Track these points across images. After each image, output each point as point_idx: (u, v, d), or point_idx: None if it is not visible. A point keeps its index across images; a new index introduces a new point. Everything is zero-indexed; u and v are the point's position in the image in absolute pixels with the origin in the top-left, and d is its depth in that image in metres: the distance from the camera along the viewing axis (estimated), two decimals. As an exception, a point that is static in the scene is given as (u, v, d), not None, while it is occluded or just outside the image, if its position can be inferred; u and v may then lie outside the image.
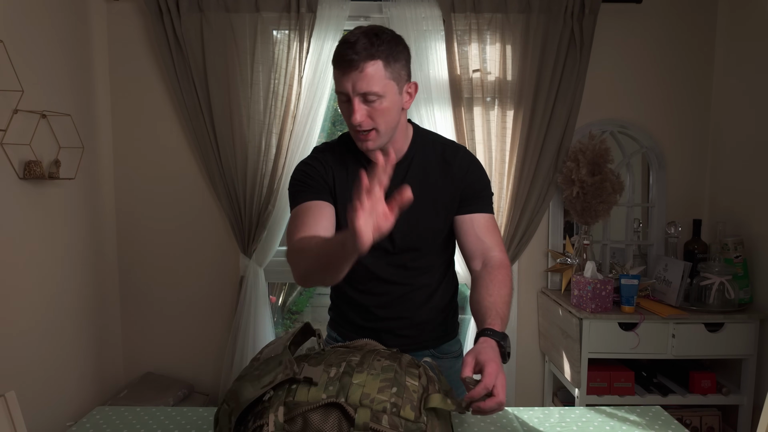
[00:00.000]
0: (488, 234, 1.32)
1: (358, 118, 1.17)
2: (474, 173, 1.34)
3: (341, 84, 1.18)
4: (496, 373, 0.98)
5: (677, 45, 2.50)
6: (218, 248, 2.55)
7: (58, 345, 2.08)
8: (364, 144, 1.23)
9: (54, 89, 2.05)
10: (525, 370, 2.60)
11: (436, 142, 1.35)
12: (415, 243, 1.32)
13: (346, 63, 1.15)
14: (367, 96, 1.17)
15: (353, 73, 1.15)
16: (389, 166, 0.92)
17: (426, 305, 1.37)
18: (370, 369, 0.95)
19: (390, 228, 0.91)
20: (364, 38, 1.15)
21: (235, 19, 2.31)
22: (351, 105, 1.18)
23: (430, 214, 1.30)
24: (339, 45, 1.18)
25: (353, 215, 0.87)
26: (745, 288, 2.20)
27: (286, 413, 0.87)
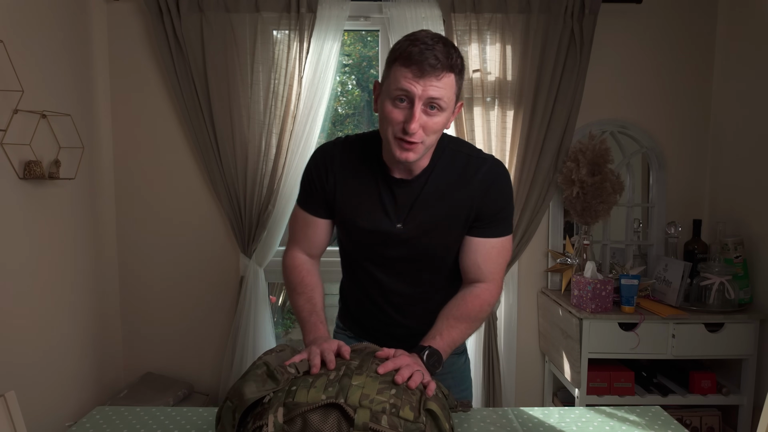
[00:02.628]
0: (489, 262, 1.27)
1: (416, 127, 1.08)
2: (495, 190, 1.23)
3: (410, 84, 1.07)
4: (403, 357, 1.03)
5: (677, 45, 2.50)
6: (218, 248, 2.55)
7: (58, 345, 2.08)
8: (405, 154, 1.12)
9: (54, 89, 2.05)
10: (525, 370, 2.60)
11: (461, 153, 1.25)
12: (424, 258, 1.29)
13: (426, 65, 1.06)
14: (431, 105, 1.09)
15: (430, 77, 1.07)
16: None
17: (432, 316, 1.33)
18: (369, 371, 0.96)
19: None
20: (441, 45, 1.08)
21: (235, 19, 2.31)
22: (410, 110, 1.08)
23: (443, 230, 1.25)
24: (412, 43, 1.08)
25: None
26: (745, 288, 2.20)
27: (285, 414, 0.88)
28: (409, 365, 1.00)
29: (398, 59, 1.09)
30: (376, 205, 1.25)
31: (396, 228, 1.24)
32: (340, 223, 1.32)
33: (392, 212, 1.25)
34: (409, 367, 0.99)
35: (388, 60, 1.13)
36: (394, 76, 1.09)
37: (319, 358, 0.99)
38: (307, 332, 1.20)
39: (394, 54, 1.11)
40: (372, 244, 1.28)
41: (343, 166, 1.27)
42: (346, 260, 1.41)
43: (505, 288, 2.54)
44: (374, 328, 1.38)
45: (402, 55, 1.08)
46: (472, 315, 1.24)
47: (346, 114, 3.00)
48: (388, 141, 1.14)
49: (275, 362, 0.98)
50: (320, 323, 1.22)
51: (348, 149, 1.28)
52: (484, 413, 1.31)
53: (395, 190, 1.24)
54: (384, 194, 1.24)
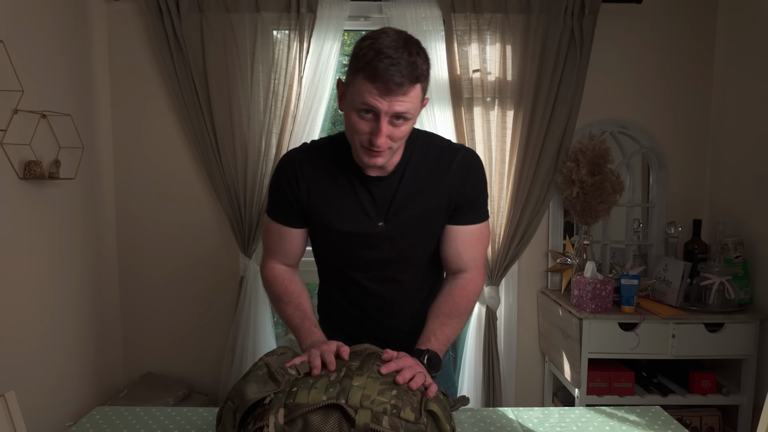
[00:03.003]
0: (469, 248, 1.28)
1: (383, 142, 1.08)
2: (471, 180, 1.24)
3: (375, 101, 1.05)
4: (406, 359, 1.03)
5: (677, 45, 2.50)
6: (218, 248, 2.55)
7: (58, 345, 2.08)
8: (373, 160, 1.12)
9: (54, 89, 2.05)
10: (525, 370, 2.60)
11: (432, 146, 1.26)
12: (406, 255, 1.28)
13: (392, 84, 1.03)
14: (396, 118, 1.08)
15: (397, 95, 1.05)
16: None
17: (417, 315, 1.33)
18: (370, 372, 0.96)
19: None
20: (406, 56, 1.04)
21: (235, 19, 2.31)
22: (376, 123, 1.07)
23: (423, 226, 1.25)
24: (377, 56, 1.03)
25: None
26: (745, 288, 2.20)
27: (286, 415, 0.88)
28: (412, 367, 1.00)
29: (362, 71, 1.05)
30: (354, 207, 1.22)
31: (378, 227, 1.22)
32: (317, 229, 1.27)
33: (372, 211, 1.22)
34: (411, 368, 0.99)
35: (352, 66, 1.09)
36: (358, 89, 1.06)
37: (320, 360, 0.99)
38: (302, 338, 1.19)
39: (357, 62, 1.06)
40: (353, 246, 1.25)
41: (313, 171, 1.23)
42: (325, 268, 1.37)
43: (505, 288, 2.55)
44: (358, 333, 1.34)
45: (367, 68, 1.04)
46: (462, 309, 1.25)
47: (346, 114, 3.00)
48: (354, 146, 1.14)
49: (276, 364, 0.98)
50: (314, 327, 1.21)
51: (316, 153, 1.25)
52: (484, 413, 1.31)
53: (372, 188, 1.22)
54: (361, 194, 1.22)
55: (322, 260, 1.37)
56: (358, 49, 1.07)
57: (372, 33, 1.09)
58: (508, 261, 2.45)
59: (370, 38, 1.07)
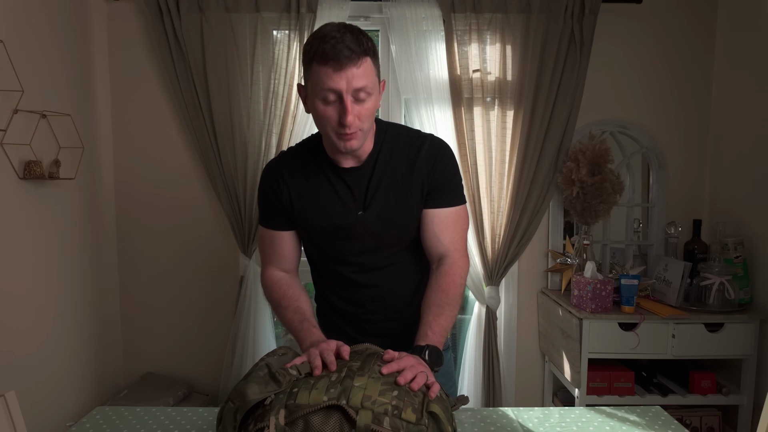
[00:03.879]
0: (447, 231, 1.29)
1: (352, 119, 1.12)
2: (441, 164, 1.28)
3: (333, 81, 1.10)
4: (407, 358, 1.03)
5: (677, 45, 2.50)
6: (218, 248, 2.55)
7: (58, 345, 2.08)
8: (348, 144, 1.16)
9: (54, 89, 2.05)
10: (525, 370, 2.60)
11: (401, 135, 1.30)
12: (390, 240, 1.30)
13: (343, 58, 1.08)
14: (359, 94, 1.12)
15: (350, 68, 1.09)
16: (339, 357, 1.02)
17: (410, 302, 1.35)
18: (371, 372, 0.96)
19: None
20: (350, 34, 1.10)
21: (235, 19, 2.31)
22: (341, 104, 1.12)
23: (401, 210, 1.28)
24: (322, 40, 1.10)
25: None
26: (745, 288, 2.20)
27: (287, 416, 0.87)
28: (413, 366, 1.00)
29: (314, 59, 1.11)
30: (333, 199, 1.27)
31: (358, 216, 1.26)
32: (302, 229, 1.32)
33: (350, 201, 1.27)
34: (413, 368, 0.99)
35: (304, 62, 1.15)
36: (316, 77, 1.12)
37: (320, 360, 0.99)
38: (302, 339, 1.19)
39: (308, 55, 1.13)
40: (337, 239, 1.29)
41: (291, 174, 1.29)
42: (317, 269, 1.41)
43: (505, 288, 2.55)
44: (357, 331, 1.37)
45: (317, 54, 1.10)
46: (451, 296, 1.25)
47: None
48: (329, 136, 1.18)
49: (277, 365, 0.98)
50: (313, 327, 1.21)
51: (292, 157, 1.32)
52: (485, 413, 1.31)
53: (347, 179, 1.27)
54: (338, 186, 1.27)
55: (312, 262, 1.40)
56: (306, 46, 1.14)
57: (315, 30, 1.17)
58: (508, 261, 2.45)
59: (313, 33, 1.15)
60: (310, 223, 1.29)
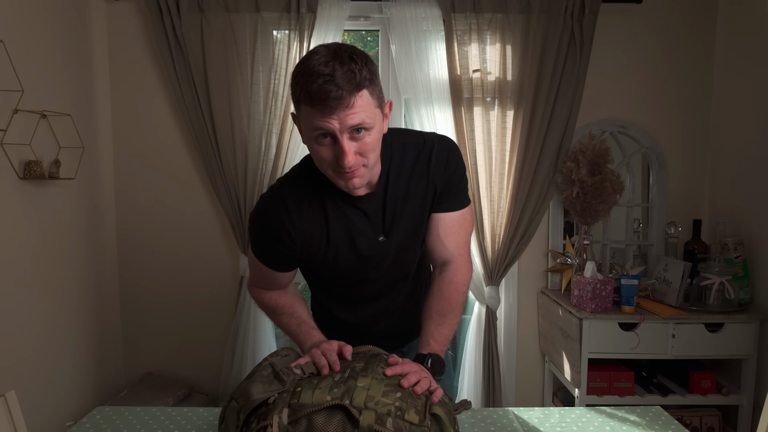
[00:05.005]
0: (452, 236, 1.25)
1: (351, 160, 1.01)
2: (451, 167, 1.21)
3: (324, 123, 0.98)
4: (411, 364, 1.03)
5: (677, 45, 2.50)
6: (218, 248, 2.55)
7: (58, 345, 2.08)
8: (350, 182, 1.06)
9: (54, 89, 2.05)
10: (525, 371, 2.60)
11: (407, 145, 1.20)
12: (409, 258, 1.28)
13: (331, 101, 0.96)
14: (356, 131, 1.00)
15: (342, 109, 0.97)
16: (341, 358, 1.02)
17: (410, 313, 1.34)
18: (374, 373, 0.96)
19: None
20: (339, 66, 0.97)
21: (235, 19, 2.31)
22: (337, 145, 1.00)
23: (417, 226, 1.23)
24: (309, 78, 0.97)
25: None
26: (745, 288, 2.20)
27: (290, 415, 0.87)
28: (417, 371, 1.00)
29: (302, 100, 1.00)
30: (352, 232, 1.18)
31: (380, 242, 1.20)
32: (321, 267, 1.23)
33: (369, 230, 1.19)
34: (416, 373, 0.99)
35: (293, 98, 1.03)
36: (305, 118, 1.01)
37: (325, 359, 0.99)
38: (302, 342, 1.18)
39: (295, 94, 1.01)
40: (359, 269, 1.23)
41: (302, 219, 1.16)
42: (318, 287, 1.36)
43: (506, 288, 2.55)
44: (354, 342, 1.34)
45: (302, 95, 0.99)
46: (453, 304, 1.22)
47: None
48: (330, 176, 1.08)
49: (280, 364, 0.98)
50: (312, 329, 1.19)
51: (294, 195, 1.17)
52: (485, 413, 1.31)
53: (363, 207, 1.17)
54: (354, 217, 1.17)
55: (319, 283, 1.34)
56: (293, 77, 1.02)
57: (303, 57, 1.02)
58: (508, 261, 2.45)
59: (300, 63, 1.01)
60: (332, 261, 1.20)
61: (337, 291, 1.33)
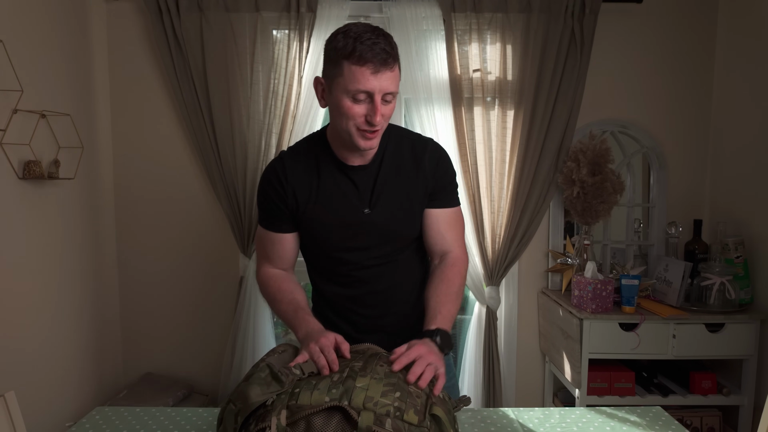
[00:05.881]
0: (450, 230, 1.35)
1: (380, 119, 1.14)
2: (442, 167, 1.33)
3: (369, 82, 1.11)
4: (420, 346, 1.07)
5: (678, 45, 2.49)
6: (218, 248, 2.55)
7: (58, 345, 2.08)
8: (369, 143, 1.19)
9: (54, 89, 2.05)
10: (525, 371, 2.60)
11: (405, 137, 1.34)
12: (392, 238, 1.31)
13: (379, 61, 1.10)
14: (387, 96, 1.14)
15: (385, 72, 1.12)
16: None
17: (406, 299, 1.37)
18: (373, 373, 0.95)
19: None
20: (383, 38, 1.12)
21: (235, 18, 2.31)
22: (371, 104, 1.14)
23: (405, 209, 1.30)
24: (357, 40, 1.11)
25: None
26: (746, 288, 2.20)
27: (288, 416, 0.87)
28: (423, 358, 1.02)
29: (348, 58, 1.11)
30: (339, 197, 1.27)
31: (364, 214, 1.27)
32: (307, 226, 1.30)
33: (356, 199, 1.27)
34: (421, 360, 1.01)
35: (332, 58, 1.14)
36: (349, 76, 1.12)
37: (324, 359, 0.99)
38: (297, 328, 1.19)
39: (339, 52, 1.12)
40: (343, 236, 1.29)
41: (295, 175, 1.28)
42: (316, 266, 1.39)
43: (506, 288, 2.54)
44: (354, 329, 1.35)
45: (352, 54, 1.10)
46: (456, 285, 1.30)
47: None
48: (350, 133, 1.17)
49: (278, 363, 0.98)
50: (308, 316, 1.21)
51: (294, 157, 1.30)
52: (485, 413, 1.31)
53: (353, 176, 1.27)
54: (343, 184, 1.27)
55: (312, 257, 1.39)
56: (335, 42, 1.14)
57: (338, 29, 1.16)
58: (509, 261, 2.45)
59: (341, 32, 1.15)
60: (317, 221, 1.28)
61: (330, 267, 1.35)
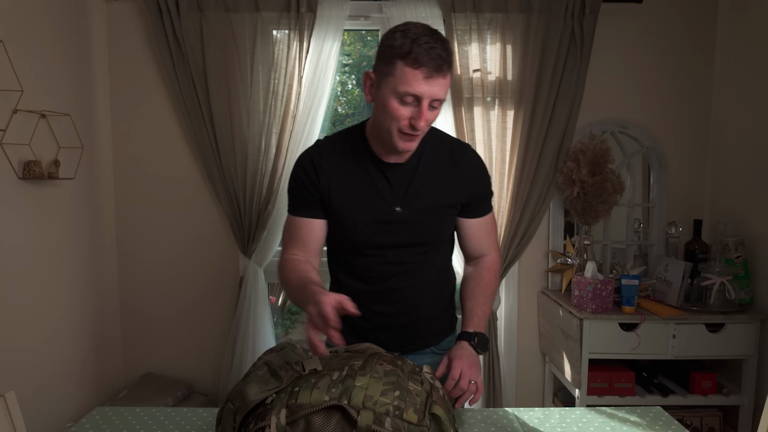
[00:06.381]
0: (486, 236, 1.40)
1: (423, 124, 1.14)
2: (480, 177, 1.35)
3: (419, 86, 1.10)
4: (460, 367, 1.15)
5: (678, 45, 2.49)
6: (218, 248, 2.54)
7: (58, 345, 2.08)
8: (408, 144, 1.19)
9: (54, 89, 2.05)
10: (525, 371, 2.60)
11: (443, 140, 1.33)
12: (420, 240, 1.31)
13: (434, 67, 1.09)
14: (435, 102, 1.14)
15: (438, 78, 1.11)
16: None
17: (426, 301, 1.37)
18: (372, 372, 0.95)
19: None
20: (440, 43, 1.11)
21: (235, 18, 2.31)
22: (418, 108, 1.13)
23: (437, 212, 1.30)
24: (414, 42, 1.09)
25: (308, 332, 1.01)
26: (746, 288, 2.20)
27: (288, 415, 0.87)
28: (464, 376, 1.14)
29: (403, 59, 1.10)
30: (372, 192, 1.27)
31: (395, 212, 1.27)
32: (336, 217, 1.28)
33: (389, 196, 1.27)
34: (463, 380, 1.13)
35: (387, 55, 1.13)
36: (401, 77, 1.11)
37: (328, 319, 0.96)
38: (305, 302, 1.08)
39: (395, 51, 1.11)
40: (371, 232, 1.28)
41: (330, 164, 1.28)
42: (336, 257, 1.37)
43: (506, 288, 2.54)
44: (367, 324, 1.33)
45: (409, 55, 1.09)
46: (492, 287, 1.37)
47: (346, 114, 3.00)
48: (390, 133, 1.17)
49: (278, 361, 0.98)
50: (317, 288, 1.10)
51: (331, 147, 1.30)
52: (485, 413, 1.31)
53: (388, 174, 1.27)
54: (378, 180, 1.27)
55: (336, 247, 1.37)
56: (391, 40, 1.12)
57: (397, 27, 1.15)
58: (509, 261, 2.45)
59: (399, 30, 1.13)
60: (346, 211, 1.27)
61: (351, 260, 1.33)
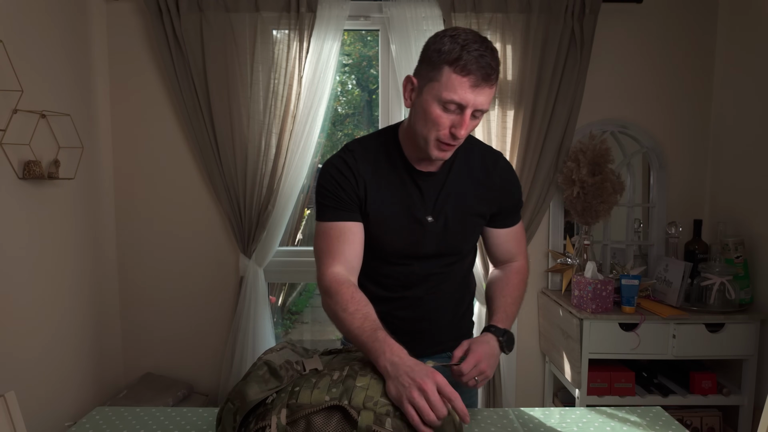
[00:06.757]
0: (516, 244, 1.40)
1: (464, 134, 1.11)
2: (511, 188, 1.34)
3: (465, 94, 1.07)
4: (475, 362, 1.12)
5: (678, 45, 2.49)
6: (218, 248, 2.54)
7: (58, 345, 2.08)
8: (443, 154, 1.16)
9: (54, 89, 2.05)
10: (525, 371, 2.60)
11: (475, 146, 1.31)
12: (448, 251, 1.31)
13: (482, 76, 1.06)
14: (477, 112, 1.11)
15: (486, 88, 1.08)
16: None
17: (447, 308, 1.37)
18: (373, 373, 0.95)
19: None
20: (490, 52, 1.07)
21: (234, 18, 2.31)
22: (460, 117, 1.10)
23: (465, 222, 1.29)
24: (464, 48, 1.05)
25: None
26: (746, 288, 2.20)
27: (288, 415, 0.87)
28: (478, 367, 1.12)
29: (451, 65, 1.06)
30: (407, 202, 1.25)
31: (427, 222, 1.26)
32: (371, 227, 1.25)
33: (420, 205, 1.26)
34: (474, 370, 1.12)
35: (433, 60, 1.09)
36: (448, 83, 1.07)
37: (432, 414, 0.87)
38: (377, 351, 0.97)
39: (442, 56, 1.07)
40: (403, 241, 1.27)
41: (366, 169, 1.24)
42: (363, 268, 1.28)
43: (506, 288, 2.54)
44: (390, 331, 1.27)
45: (457, 61, 1.05)
46: (520, 290, 1.36)
47: (346, 114, 3.00)
48: (427, 140, 1.14)
49: (278, 360, 0.98)
50: (390, 338, 1.01)
51: (364, 153, 1.26)
52: (485, 413, 1.31)
53: (420, 183, 1.26)
54: (410, 188, 1.25)
55: (371, 259, 1.31)
56: (440, 44, 1.09)
57: (445, 31, 1.12)
58: (509, 261, 2.44)
59: (448, 35, 1.09)
60: (377, 220, 1.24)
61: (376, 266, 1.31)
